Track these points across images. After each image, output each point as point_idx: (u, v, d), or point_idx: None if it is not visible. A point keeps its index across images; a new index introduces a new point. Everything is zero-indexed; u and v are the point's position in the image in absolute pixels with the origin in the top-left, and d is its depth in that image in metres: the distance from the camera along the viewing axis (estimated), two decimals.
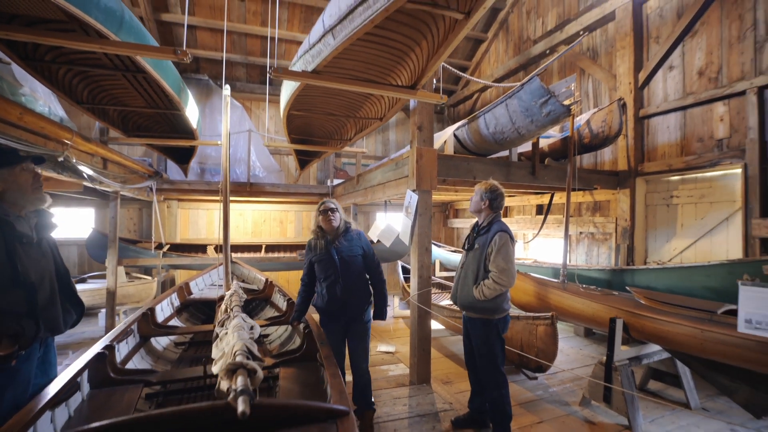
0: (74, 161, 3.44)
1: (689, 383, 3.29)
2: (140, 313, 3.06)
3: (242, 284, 4.69)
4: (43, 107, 3.73)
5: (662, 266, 3.85)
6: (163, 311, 3.69)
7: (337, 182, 7.57)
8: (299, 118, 4.28)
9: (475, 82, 7.37)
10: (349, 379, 2.98)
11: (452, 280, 7.98)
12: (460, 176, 4.16)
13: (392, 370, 4.14)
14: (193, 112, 3.92)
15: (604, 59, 5.57)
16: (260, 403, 0.92)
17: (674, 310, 2.98)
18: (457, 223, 9.35)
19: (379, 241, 5.31)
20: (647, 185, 4.96)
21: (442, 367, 4.23)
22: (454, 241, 9.68)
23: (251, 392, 0.97)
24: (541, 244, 6.87)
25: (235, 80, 8.03)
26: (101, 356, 2.04)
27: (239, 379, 1.08)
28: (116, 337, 2.46)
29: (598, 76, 5.62)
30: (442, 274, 7.56)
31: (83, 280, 6.33)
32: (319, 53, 2.39)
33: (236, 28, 7.05)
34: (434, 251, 7.94)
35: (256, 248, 7.66)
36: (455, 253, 7.81)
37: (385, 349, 4.78)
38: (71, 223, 6.95)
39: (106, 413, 1.79)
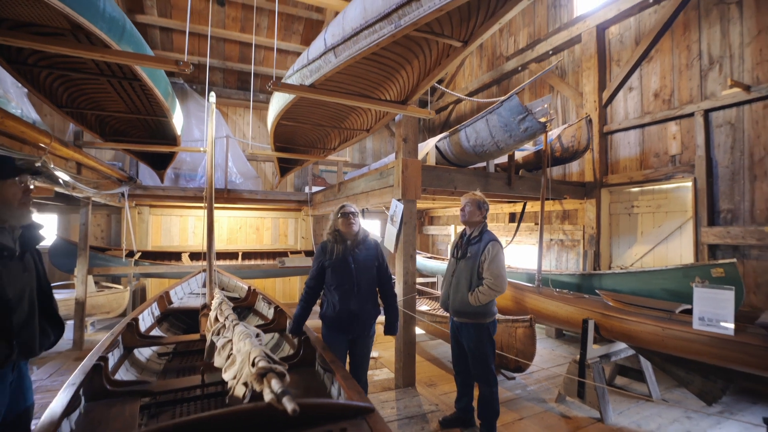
0: (51, 166, 3.31)
1: (651, 377, 3.61)
2: (125, 323, 2.99)
3: (224, 293, 4.62)
4: (15, 109, 3.58)
5: (626, 271, 4.21)
6: (144, 321, 3.61)
7: (315, 189, 7.60)
8: (285, 126, 4.33)
9: (450, 94, 7.66)
10: None
11: (430, 285, 8.20)
12: (442, 186, 4.35)
13: (377, 375, 4.22)
14: (179, 118, 3.87)
15: (571, 78, 6.01)
16: (300, 402, 1.00)
17: (639, 310, 3.28)
18: (432, 230, 9.59)
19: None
20: (611, 195, 5.38)
21: (424, 370, 4.36)
22: (429, 247, 9.91)
23: (291, 392, 1.05)
24: (514, 250, 7.21)
25: (212, 85, 7.91)
26: (98, 368, 2.01)
27: (273, 381, 1.15)
28: (106, 348, 2.41)
29: (566, 93, 6.04)
30: (419, 279, 7.74)
31: None
32: (318, 69, 2.48)
33: (215, 33, 6.98)
34: None
35: (232, 256, 7.52)
36: (431, 259, 8.01)
37: None
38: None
39: (109, 426, 1.77)
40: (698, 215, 4.28)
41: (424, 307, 6.13)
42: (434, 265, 7.38)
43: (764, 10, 3.92)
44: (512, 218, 7.13)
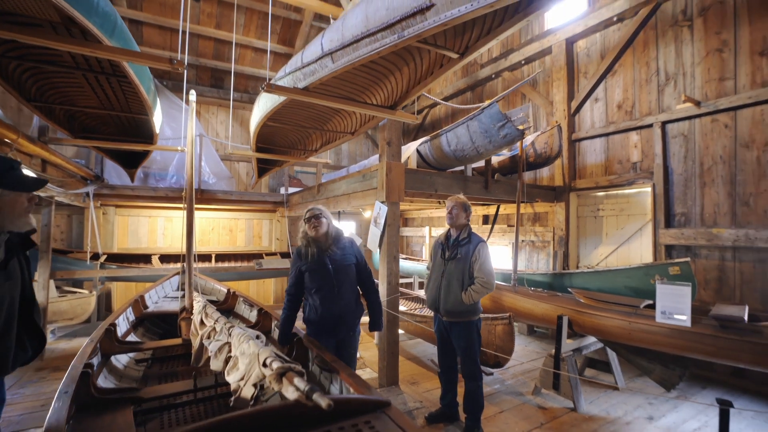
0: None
1: (617, 368, 3.89)
2: (102, 329, 2.86)
3: (203, 296, 4.50)
4: None
5: (593, 270, 4.51)
6: (119, 327, 3.46)
7: (292, 190, 7.52)
8: (267, 127, 4.29)
9: (426, 98, 7.84)
10: None
11: (406, 286, 8.31)
12: (423, 189, 4.46)
13: (360, 374, 4.25)
14: (159, 116, 3.75)
15: (542, 87, 6.34)
16: (331, 398, 1.05)
17: (608, 306, 3.55)
18: (407, 231, 9.73)
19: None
20: (579, 199, 5.72)
21: (406, 369, 4.45)
22: (403, 248, 10.04)
23: (318, 389, 1.10)
24: None
25: (182, 82, 7.63)
26: (85, 376, 1.93)
27: (297, 380, 1.19)
28: (88, 355, 2.31)
29: (537, 101, 6.36)
30: None
31: None
32: (313, 72, 2.51)
33: (190, 28, 6.75)
34: None
35: (205, 258, 7.29)
36: (407, 260, 8.14)
37: None
38: None
39: None
40: (656, 218, 4.66)
41: (401, 307, 6.23)
42: (410, 266, 7.50)
43: (711, 33, 4.35)
44: (485, 220, 7.39)
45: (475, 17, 1.58)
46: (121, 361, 3.12)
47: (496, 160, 5.45)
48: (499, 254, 7.29)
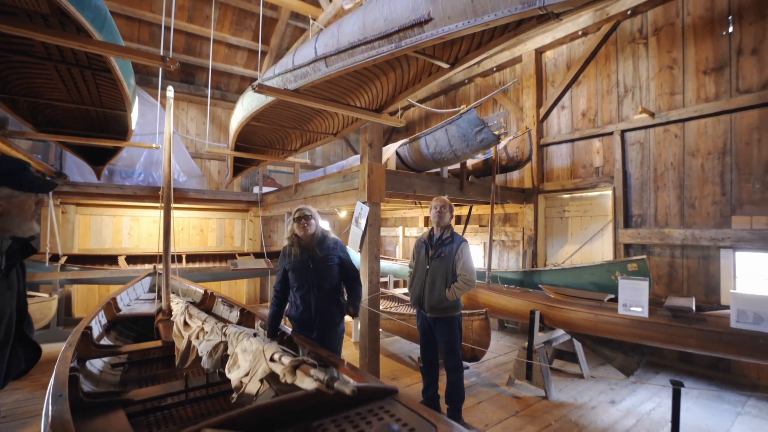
0: None
1: (582, 358, 4.20)
2: (79, 333, 2.75)
3: (179, 297, 4.38)
4: None
5: (560, 267, 4.82)
6: (92, 331, 3.31)
7: (266, 190, 7.42)
8: (248, 126, 4.25)
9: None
10: None
11: (382, 285, 8.41)
12: (402, 190, 4.59)
13: None
14: (135, 111, 3.62)
15: (513, 94, 6.66)
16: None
17: (575, 301, 3.83)
18: (381, 231, 9.84)
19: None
20: (546, 201, 6.07)
21: (386, 366, 4.56)
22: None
23: (338, 377, 1.17)
24: None
25: (152, 76, 7.32)
26: (74, 380, 1.88)
27: (314, 371, 1.26)
28: (70, 359, 2.23)
29: (508, 107, 6.68)
30: None
31: None
32: (305, 75, 2.56)
33: (158, 20, 6.50)
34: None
35: (176, 258, 7.03)
36: (382, 259, 8.25)
37: None
38: None
39: None
40: (616, 219, 5.06)
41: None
42: (385, 265, 7.61)
43: (663, 51, 4.78)
44: (458, 220, 7.64)
45: (469, 33, 1.71)
46: (96, 365, 3.00)
47: (470, 163, 5.67)
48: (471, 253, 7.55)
